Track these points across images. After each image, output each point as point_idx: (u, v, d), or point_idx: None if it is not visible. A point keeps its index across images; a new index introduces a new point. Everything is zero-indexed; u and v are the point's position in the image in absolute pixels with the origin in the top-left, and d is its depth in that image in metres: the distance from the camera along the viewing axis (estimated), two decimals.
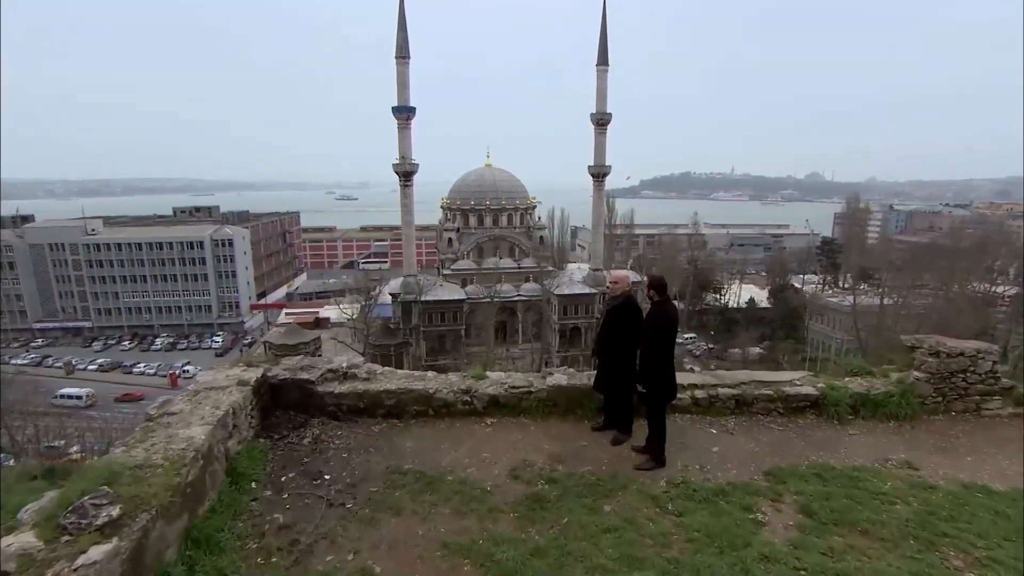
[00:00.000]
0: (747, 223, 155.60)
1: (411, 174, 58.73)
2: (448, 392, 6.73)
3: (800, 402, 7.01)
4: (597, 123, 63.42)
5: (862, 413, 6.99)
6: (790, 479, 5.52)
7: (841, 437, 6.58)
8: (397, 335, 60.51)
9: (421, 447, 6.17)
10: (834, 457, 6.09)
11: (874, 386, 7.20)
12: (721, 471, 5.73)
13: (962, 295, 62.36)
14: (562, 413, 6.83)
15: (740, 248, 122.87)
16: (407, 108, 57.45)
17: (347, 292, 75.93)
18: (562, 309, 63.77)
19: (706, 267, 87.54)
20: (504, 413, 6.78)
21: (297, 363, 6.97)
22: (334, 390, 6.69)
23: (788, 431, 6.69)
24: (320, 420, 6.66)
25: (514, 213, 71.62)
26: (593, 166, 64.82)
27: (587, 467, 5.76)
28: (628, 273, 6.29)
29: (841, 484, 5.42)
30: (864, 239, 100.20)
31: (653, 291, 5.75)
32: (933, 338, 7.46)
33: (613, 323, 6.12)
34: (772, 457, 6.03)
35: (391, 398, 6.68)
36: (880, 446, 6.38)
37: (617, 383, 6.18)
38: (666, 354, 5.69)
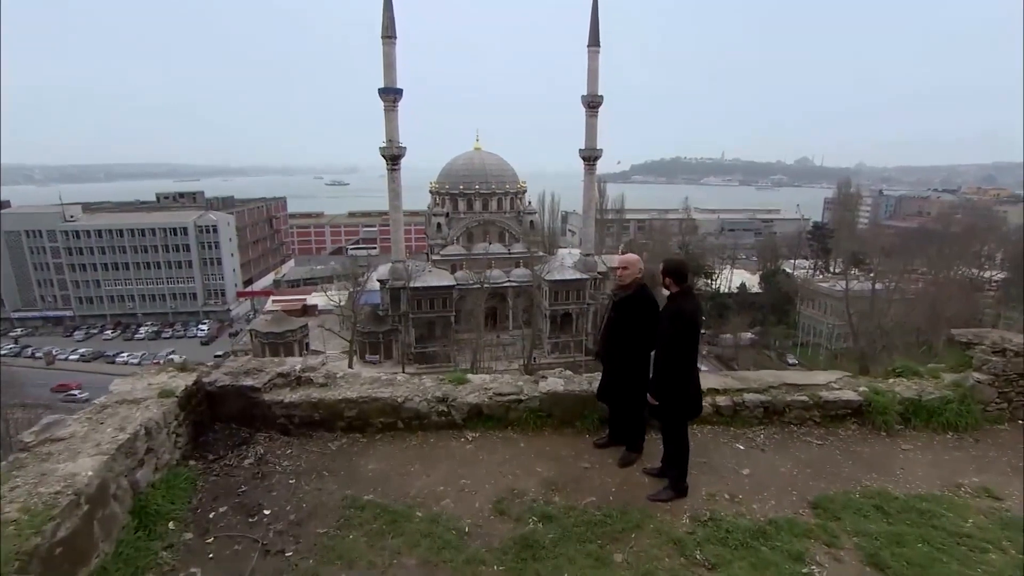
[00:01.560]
0: (737, 208, 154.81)
1: (399, 158, 57.15)
2: (420, 401, 5.59)
3: (840, 409, 5.94)
4: (588, 105, 62.02)
5: (913, 423, 5.94)
6: (844, 513, 4.44)
7: (893, 453, 5.52)
8: (386, 322, 59.27)
9: (386, 470, 5.05)
10: (891, 481, 5.02)
11: (925, 390, 6.14)
12: (757, 501, 4.65)
13: (952, 280, 62.18)
14: (558, 425, 5.72)
15: (731, 233, 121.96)
16: (394, 90, 55.73)
17: (335, 279, 74.63)
18: (553, 295, 62.71)
19: (697, 252, 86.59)
20: (488, 426, 5.66)
21: (241, 366, 5.80)
22: (284, 399, 5.54)
23: (829, 446, 5.61)
24: (267, 436, 5.51)
25: (504, 198, 70.17)
26: (584, 149, 63.53)
27: (590, 497, 4.66)
28: (638, 258, 5.15)
29: (910, 521, 4.34)
30: (854, 224, 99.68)
31: (670, 279, 4.60)
32: (995, 333, 6.42)
33: (622, 319, 5.00)
34: (816, 481, 4.96)
35: (352, 408, 5.54)
36: (943, 465, 5.32)
37: (626, 392, 5.07)
38: (687, 359, 4.58)
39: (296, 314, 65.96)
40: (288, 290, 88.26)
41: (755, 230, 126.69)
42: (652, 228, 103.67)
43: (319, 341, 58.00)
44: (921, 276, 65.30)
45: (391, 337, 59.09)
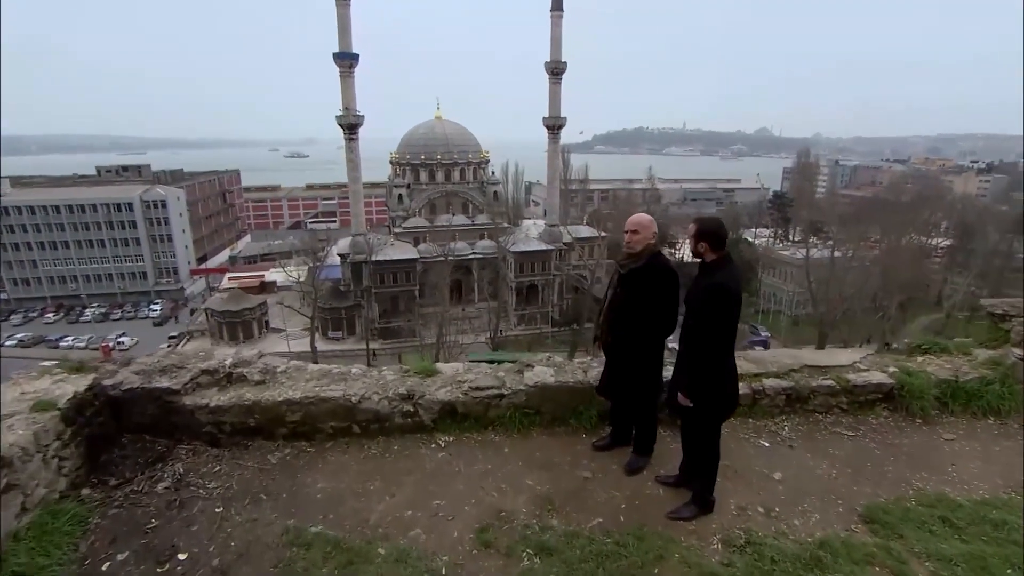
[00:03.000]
0: (700, 177, 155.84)
1: (356, 127, 54.59)
2: (380, 399, 4.57)
3: (870, 394, 5.17)
4: (552, 72, 60.34)
5: (951, 407, 5.22)
6: (906, 528, 3.65)
7: (937, 446, 4.79)
8: (347, 297, 57.39)
9: (339, 490, 4.05)
10: (946, 482, 4.28)
11: (960, 369, 5.42)
12: (798, 515, 3.83)
13: (904, 248, 63.98)
14: (548, 424, 4.79)
15: (693, 203, 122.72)
16: (349, 55, 52.85)
17: (294, 254, 71.90)
18: (518, 266, 61.70)
19: (661, 222, 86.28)
20: (464, 428, 4.69)
21: (156, 363, 4.65)
22: (211, 402, 4.44)
23: (862, 438, 4.84)
24: (190, 449, 4.43)
25: (467, 168, 68.29)
26: (548, 118, 62.02)
27: (596, 519, 3.77)
28: (651, 219, 4.17)
29: (986, 537, 3.58)
30: (813, 193, 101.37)
31: (705, 244, 3.62)
32: None
33: (631, 297, 4.02)
34: (860, 485, 4.18)
35: (296, 411, 4.48)
36: (996, 459, 4.60)
37: (635, 386, 4.16)
38: (727, 348, 3.66)
39: (254, 291, 63.35)
40: (245, 266, 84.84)
41: (717, 200, 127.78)
42: (616, 198, 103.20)
43: (279, 318, 55.89)
44: (876, 244, 67.09)
45: (354, 312, 57.34)
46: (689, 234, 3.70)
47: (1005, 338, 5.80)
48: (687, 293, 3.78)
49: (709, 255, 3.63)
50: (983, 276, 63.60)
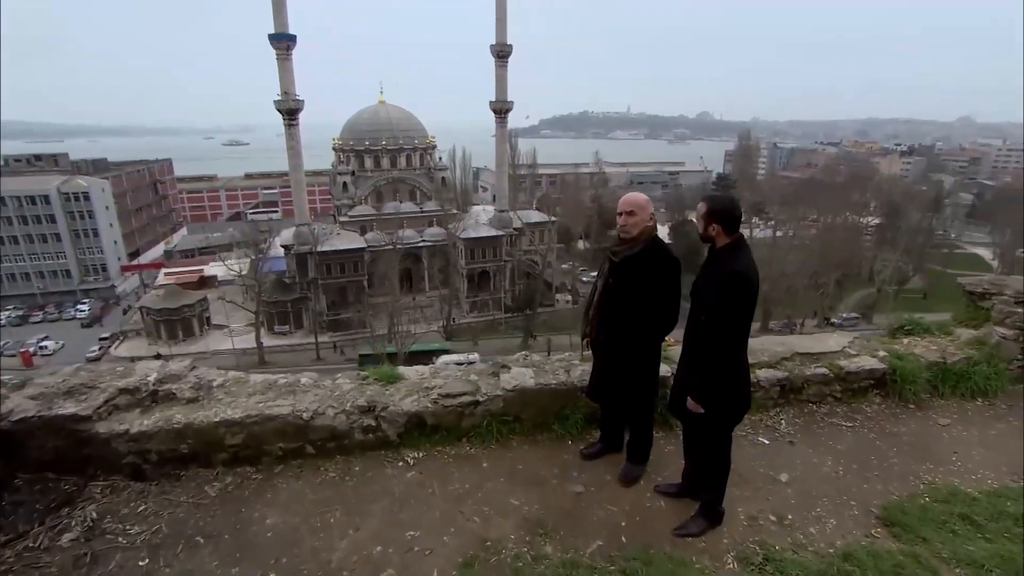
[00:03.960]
0: (645, 161, 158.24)
1: (296, 112, 52.18)
2: (337, 413, 3.94)
3: (863, 381, 4.92)
4: (497, 55, 59.37)
5: (941, 390, 5.03)
6: (927, 529, 3.36)
7: (934, 433, 4.57)
8: (293, 290, 55.24)
9: (292, 525, 3.43)
10: (953, 472, 4.05)
11: (947, 351, 5.24)
12: (813, 522, 3.48)
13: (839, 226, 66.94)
14: (529, 431, 4.28)
15: (640, 186, 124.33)
16: (286, 36, 50.27)
17: (234, 246, 68.75)
18: (469, 253, 60.90)
19: (609, 205, 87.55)
20: (435, 442, 4.12)
21: (59, 384, 3.86)
22: (132, 427, 3.71)
23: (860, 429, 4.57)
24: (107, 486, 3.70)
25: (413, 154, 66.66)
26: (495, 101, 61.10)
27: (595, 541, 3.30)
28: (648, 199, 3.64)
29: (1009, 534, 3.32)
30: (754, 175, 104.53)
31: (718, 226, 3.16)
32: (1015, 280, 5.61)
33: (627, 288, 3.53)
34: (869, 482, 3.89)
35: (237, 432, 3.81)
36: (995, 444, 4.43)
37: (630, 389, 3.69)
38: (741, 344, 3.24)
39: (193, 287, 60.24)
40: (182, 261, 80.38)
41: (662, 183, 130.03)
42: (565, 182, 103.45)
43: (221, 315, 53.29)
44: (814, 223, 69.94)
45: (300, 305, 55.29)
46: (698, 214, 3.24)
47: (985, 317, 5.67)
48: (695, 283, 3.33)
49: (722, 239, 3.17)
50: (908, 252, 67.36)
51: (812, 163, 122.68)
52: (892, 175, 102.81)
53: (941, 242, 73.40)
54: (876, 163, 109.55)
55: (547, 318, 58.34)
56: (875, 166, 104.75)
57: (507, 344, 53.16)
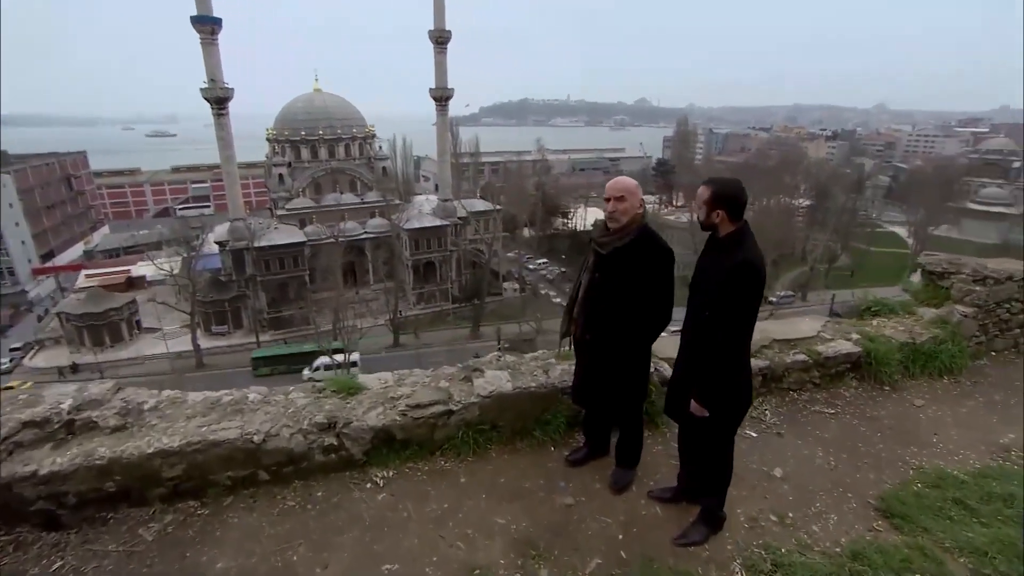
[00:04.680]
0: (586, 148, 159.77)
1: (225, 101, 49.41)
2: (293, 433, 3.49)
3: (840, 365, 4.86)
4: (436, 41, 58.20)
5: (911, 370, 5.04)
6: (926, 518, 3.30)
7: (912, 414, 4.58)
8: (230, 288, 52.68)
9: (247, 568, 2.98)
10: (937, 455, 4.06)
11: (914, 331, 5.26)
12: (814, 519, 3.34)
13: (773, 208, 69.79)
14: (508, 439, 3.95)
15: (582, 172, 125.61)
16: (210, 19, 47.37)
17: (164, 244, 64.86)
18: (414, 244, 59.79)
19: (552, 192, 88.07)
20: (406, 458, 3.73)
21: None
22: (41, 468, 3.14)
23: (843, 415, 4.51)
24: (10, 541, 3.12)
25: (352, 143, 64.55)
26: (435, 89, 59.98)
27: (593, 558, 3.02)
28: (637, 184, 3.36)
29: (1002, 516, 3.33)
30: (692, 160, 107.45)
31: (723, 211, 2.89)
32: (971, 260, 5.70)
33: (617, 283, 3.22)
34: (861, 472, 3.82)
35: (176, 463, 3.29)
36: (968, 421, 4.51)
37: (620, 391, 3.42)
38: (748, 340, 2.99)
39: (119, 289, 56.40)
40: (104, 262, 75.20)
41: (604, 169, 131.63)
42: (508, 170, 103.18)
43: (153, 317, 50.26)
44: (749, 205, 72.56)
45: (239, 304, 52.82)
46: (700, 200, 2.96)
47: (946, 295, 5.75)
48: (696, 275, 3.07)
49: (726, 226, 2.91)
50: (836, 232, 70.92)
51: (746, 148, 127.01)
52: (819, 159, 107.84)
53: (864, 221, 77.49)
54: (804, 147, 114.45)
55: (496, 307, 58.15)
56: (803, 150, 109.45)
57: (455, 335, 52.68)
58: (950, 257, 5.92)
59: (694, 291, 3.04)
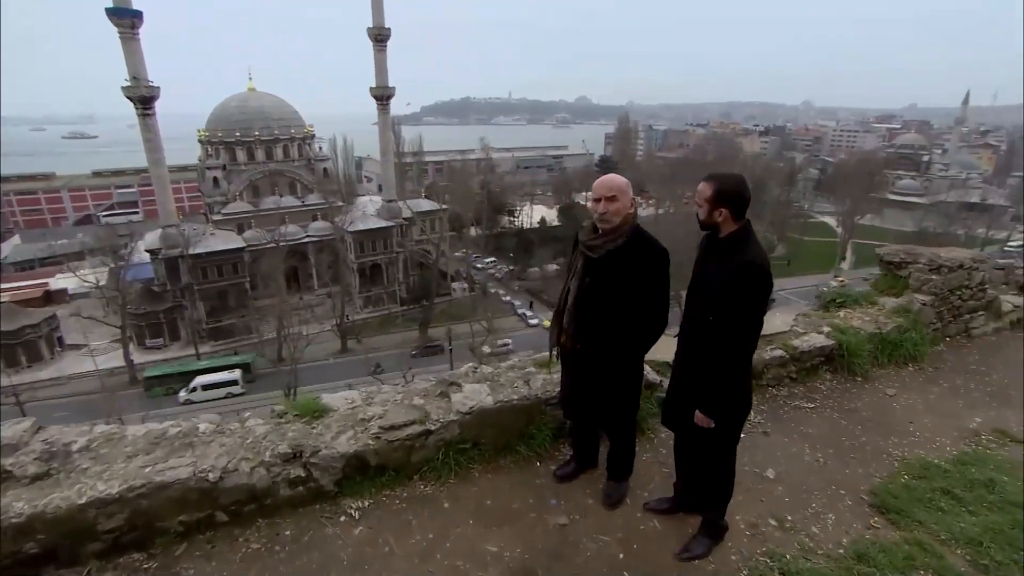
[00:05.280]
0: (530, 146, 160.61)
1: (151, 100, 46.65)
2: (254, 467, 3.11)
3: (814, 359, 4.86)
4: (376, 39, 57.06)
5: (880, 360, 5.11)
6: (918, 511, 3.33)
7: (886, 404, 4.65)
8: (165, 298, 49.93)
9: None
10: (916, 443, 4.13)
11: (879, 320, 5.34)
12: (812, 520, 3.29)
13: None
14: (492, 457, 3.69)
15: (526, 171, 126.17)
16: (128, 11, 44.49)
17: (87, 254, 60.85)
18: (359, 246, 58.41)
19: (498, 191, 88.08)
20: (382, 485, 3.40)
21: None
22: None
23: (822, 408, 4.51)
24: None
25: (290, 144, 62.31)
26: (376, 87, 58.81)
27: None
28: (628, 183, 3.12)
29: (987, 503, 3.42)
30: (634, 156, 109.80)
31: (726, 209, 2.72)
32: (926, 250, 5.85)
33: (610, 288, 3.00)
34: (850, 467, 3.83)
35: (116, 513, 2.86)
36: (938, 408, 4.62)
37: (613, 403, 3.22)
38: (753, 347, 2.84)
39: (36, 304, 52.45)
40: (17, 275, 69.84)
41: (547, 166, 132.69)
42: (452, 169, 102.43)
43: (78, 332, 46.94)
44: (690, 199, 74.80)
45: (175, 315, 50.12)
46: (701, 197, 2.77)
47: (904, 285, 5.87)
48: (695, 277, 2.90)
49: (728, 225, 2.74)
50: (773, 223, 73.99)
51: (684, 143, 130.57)
52: (754, 153, 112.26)
53: (797, 213, 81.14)
54: (739, 142, 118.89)
55: (445, 307, 57.54)
56: (739, 145, 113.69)
57: (405, 338, 51.80)
58: (906, 248, 6.07)
59: (694, 295, 2.87)
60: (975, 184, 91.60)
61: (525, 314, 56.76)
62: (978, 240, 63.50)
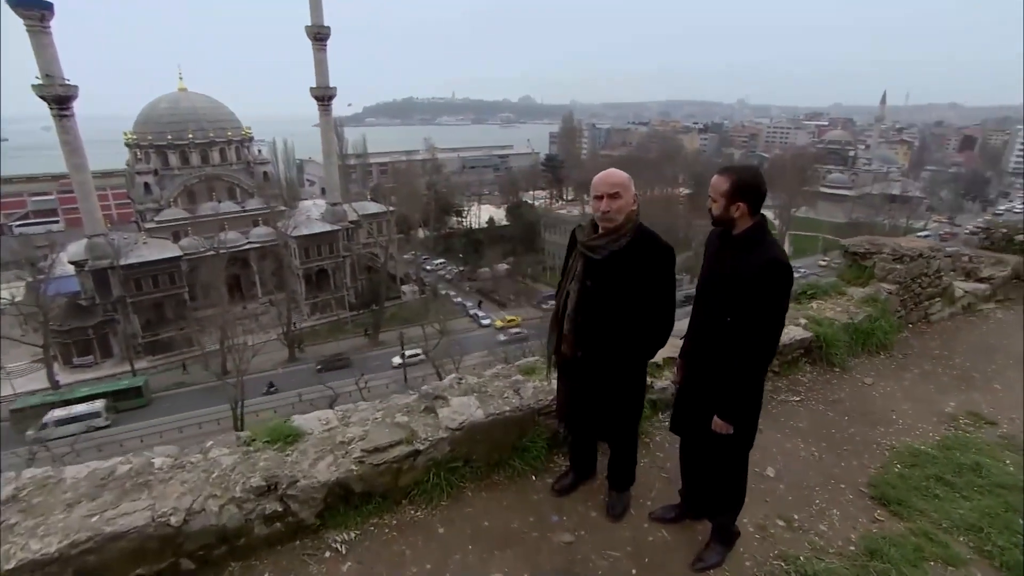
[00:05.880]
0: (475, 146, 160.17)
1: (68, 99, 43.52)
2: (223, 504, 2.76)
3: (795, 351, 4.87)
4: (315, 38, 55.42)
5: (853, 349, 5.18)
6: (917, 500, 3.35)
7: (865, 393, 4.74)
8: (94, 313, 46.80)
9: None
10: (900, 431, 4.20)
11: (850, 311, 5.42)
12: (819, 518, 3.25)
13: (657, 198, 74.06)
14: (485, 474, 3.44)
15: (472, 171, 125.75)
16: (37, 2, 40.90)
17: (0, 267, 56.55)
18: (303, 252, 56.64)
19: (445, 191, 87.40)
20: (368, 513, 3.11)
21: None
22: None
23: (809, 401, 4.53)
24: None
25: (227, 147, 59.66)
26: (316, 88, 57.15)
27: None
28: (630, 177, 2.89)
29: (978, 487, 3.49)
30: (579, 155, 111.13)
31: (745, 204, 2.57)
32: (889, 240, 6.01)
33: (614, 291, 2.81)
34: (845, 459, 3.82)
35: (58, 574, 2.45)
36: (915, 395, 4.72)
37: (617, 412, 3.04)
38: (776, 348, 2.71)
39: None
40: None
41: (493, 166, 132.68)
42: (397, 171, 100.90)
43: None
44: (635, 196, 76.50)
45: (106, 330, 47.07)
46: (717, 191, 2.61)
47: (870, 275, 5.98)
48: (708, 276, 2.75)
49: (744, 221, 2.60)
50: None
51: (627, 142, 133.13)
52: (694, 150, 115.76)
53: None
54: (680, 140, 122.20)
55: (395, 311, 56.55)
56: (680, 142, 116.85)
57: (355, 344, 50.59)
58: (870, 238, 6.20)
59: (707, 294, 2.72)
60: (895, 177, 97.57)
61: (477, 315, 56.46)
62: (901, 229, 67.44)
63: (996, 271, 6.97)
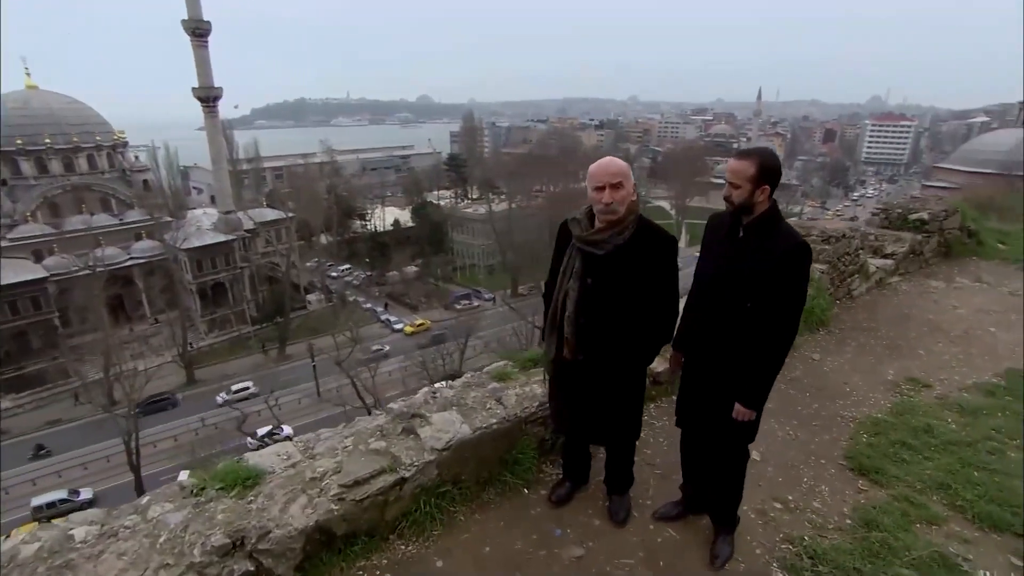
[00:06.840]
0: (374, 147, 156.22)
1: None
2: (178, 573, 2.29)
3: None
4: (193, 33, 51.44)
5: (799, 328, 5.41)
6: (889, 465, 3.57)
7: (817, 368, 5.04)
8: None
9: None
10: (856, 402, 4.45)
11: None
12: (810, 495, 3.36)
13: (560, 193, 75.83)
14: (475, 494, 3.18)
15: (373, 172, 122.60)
16: None
17: None
18: (196, 265, 52.48)
19: (345, 194, 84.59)
20: (354, 556, 2.76)
21: None
22: None
23: None
24: None
25: (96, 154, 53.96)
26: (199, 88, 53.11)
27: None
28: (629, 167, 2.70)
29: (937, 446, 3.75)
30: (481, 154, 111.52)
31: (768, 188, 2.46)
32: (819, 223, 6.35)
33: (617, 288, 2.65)
34: (818, 435, 4.00)
35: None
36: (860, 367, 5.04)
37: (619, 416, 2.89)
38: (796, 331, 2.65)
39: None
40: None
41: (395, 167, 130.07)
42: (294, 174, 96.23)
43: None
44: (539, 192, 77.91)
45: None
46: (741, 176, 2.47)
47: None
48: (720, 262, 2.63)
49: (762, 205, 2.51)
50: None
51: (527, 139, 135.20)
52: (592, 146, 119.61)
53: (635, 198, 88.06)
54: (578, 136, 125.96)
55: (302, 322, 53.92)
56: (578, 139, 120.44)
57: (256, 360, 47.66)
58: (800, 222, 6.55)
59: (722, 281, 2.61)
60: None
61: (389, 319, 55.08)
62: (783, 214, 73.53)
63: (897, 247, 7.60)
